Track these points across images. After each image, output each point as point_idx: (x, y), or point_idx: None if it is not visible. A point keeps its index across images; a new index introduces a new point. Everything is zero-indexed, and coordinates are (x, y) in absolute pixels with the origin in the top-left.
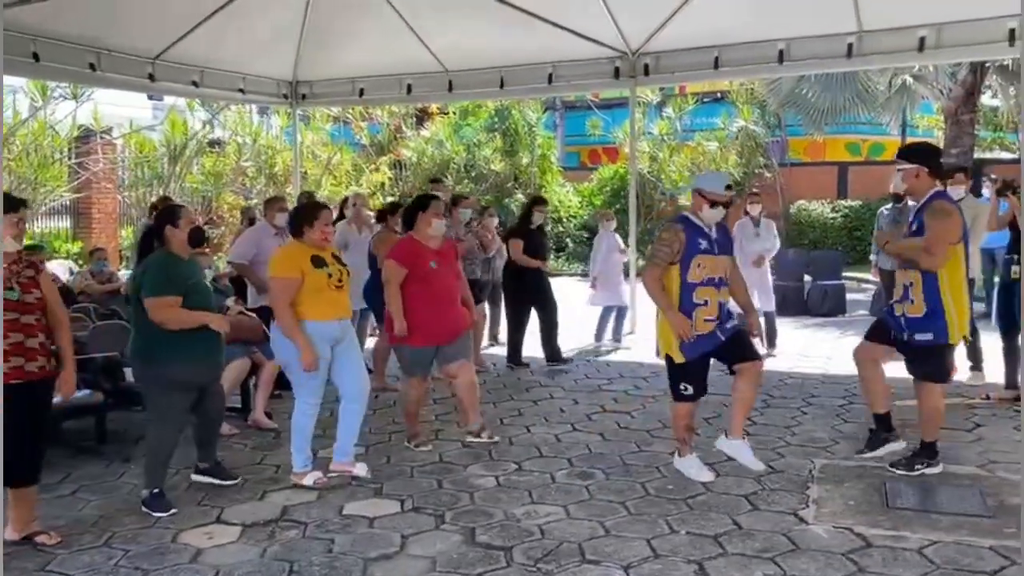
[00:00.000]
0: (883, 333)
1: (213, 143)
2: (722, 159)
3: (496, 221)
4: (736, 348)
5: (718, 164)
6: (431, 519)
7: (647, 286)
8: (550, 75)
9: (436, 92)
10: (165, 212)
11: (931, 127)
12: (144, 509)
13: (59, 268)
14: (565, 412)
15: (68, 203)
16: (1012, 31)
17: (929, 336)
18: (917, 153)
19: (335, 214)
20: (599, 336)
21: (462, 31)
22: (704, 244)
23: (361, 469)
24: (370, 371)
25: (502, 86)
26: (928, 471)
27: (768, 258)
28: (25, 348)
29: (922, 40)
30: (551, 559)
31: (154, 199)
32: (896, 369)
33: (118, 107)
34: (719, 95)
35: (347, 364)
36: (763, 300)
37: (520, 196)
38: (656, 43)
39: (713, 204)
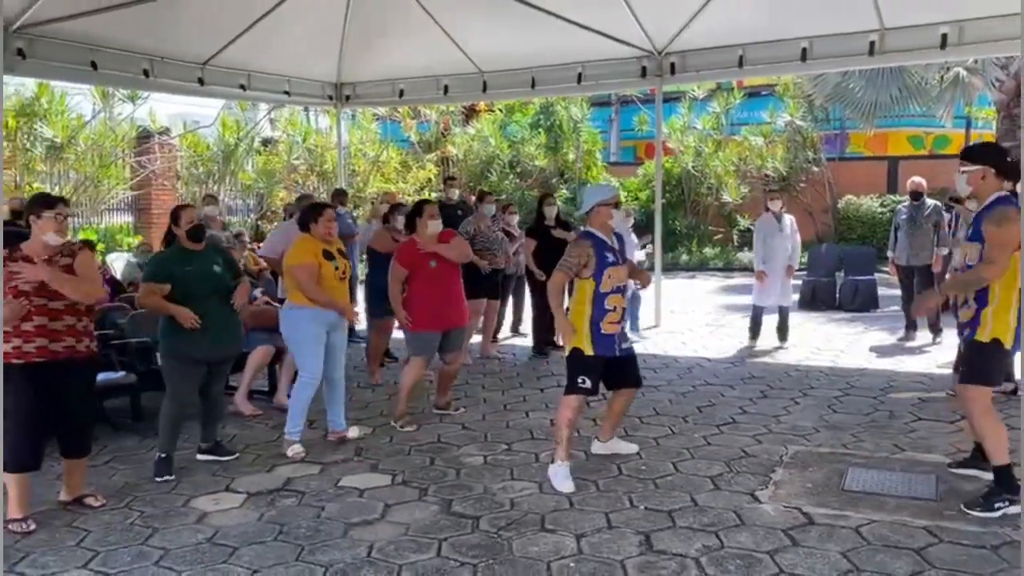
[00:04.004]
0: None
1: (266, 142)
2: (768, 153)
3: (517, 218)
4: (626, 370)
5: (764, 159)
6: (415, 491)
7: (549, 289)
8: (579, 75)
9: (471, 92)
10: (172, 213)
11: (991, 119)
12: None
13: (119, 260)
14: None
15: (129, 199)
16: None
17: (970, 331)
18: (983, 154)
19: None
20: None
21: (495, 34)
22: (611, 257)
23: (353, 432)
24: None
25: (533, 86)
26: (1011, 510)
27: (796, 261)
28: (49, 330)
29: (944, 37)
30: (512, 528)
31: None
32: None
33: (177, 105)
34: (765, 90)
35: (337, 348)
36: (784, 296)
37: (564, 191)
38: (681, 42)
39: (616, 206)
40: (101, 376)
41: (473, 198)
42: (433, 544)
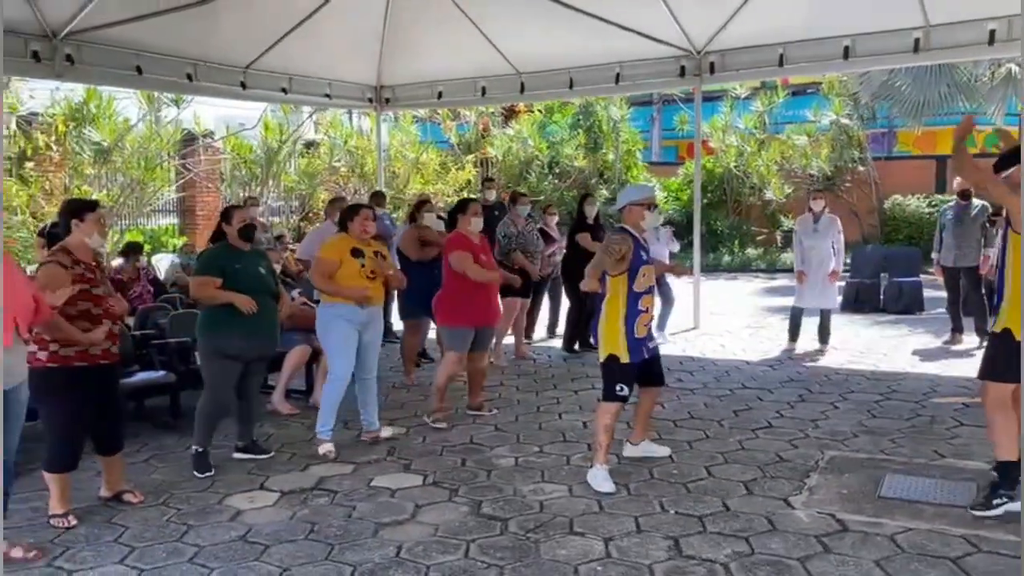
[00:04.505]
0: None
1: (309, 144)
2: (813, 152)
3: (556, 219)
4: (651, 370)
5: (808, 158)
6: (446, 492)
7: (585, 287)
8: (617, 75)
9: (509, 93)
10: (223, 212)
11: None
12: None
13: (164, 260)
14: None
15: (174, 202)
16: None
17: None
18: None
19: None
20: None
21: (532, 35)
22: (644, 256)
23: (387, 432)
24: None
25: (571, 86)
26: (1011, 506)
27: (840, 263)
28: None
29: (992, 33)
30: (541, 530)
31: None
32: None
33: (222, 108)
34: (810, 88)
35: (370, 348)
36: (825, 298)
37: (604, 192)
38: (720, 41)
39: (651, 207)
40: (142, 375)
41: (506, 199)
42: (461, 545)
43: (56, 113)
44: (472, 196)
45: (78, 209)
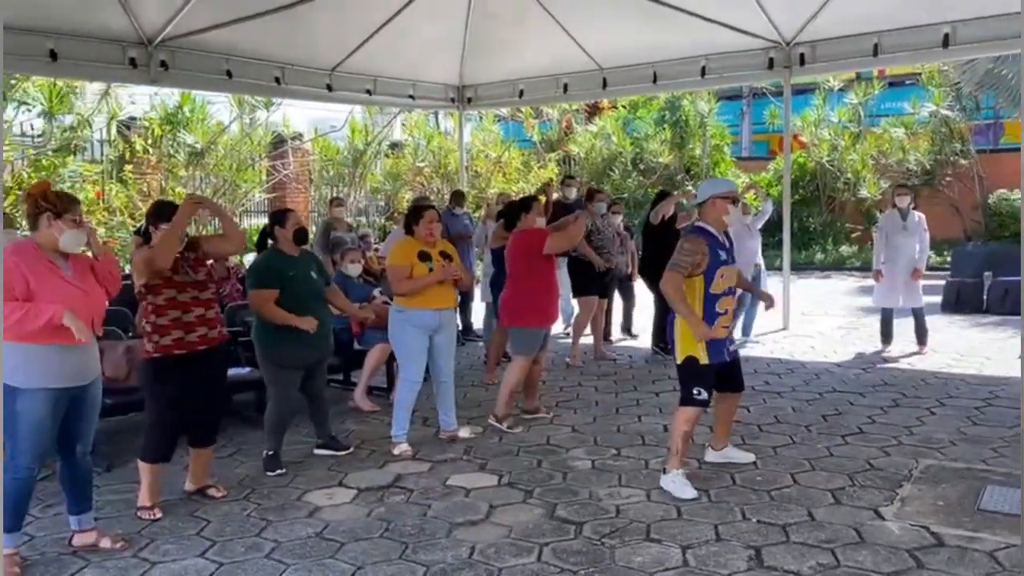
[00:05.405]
0: None
1: (393, 145)
2: (911, 146)
3: (620, 218)
4: (732, 374)
5: (905, 151)
6: (521, 493)
7: (667, 292)
8: (703, 68)
9: (591, 90)
10: (274, 215)
11: None
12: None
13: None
14: None
15: (264, 202)
16: None
17: None
18: None
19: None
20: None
21: (614, 30)
22: (724, 255)
23: (465, 431)
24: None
25: (655, 81)
26: None
27: (923, 263)
28: (183, 322)
29: None
30: (616, 536)
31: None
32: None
33: (312, 110)
34: (908, 79)
35: (444, 350)
36: (911, 298)
37: (690, 188)
38: (811, 32)
39: (734, 202)
40: (230, 372)
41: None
42: (535, 548)
43: (153, 117)
44: (533, 195)
45: (157, 214)
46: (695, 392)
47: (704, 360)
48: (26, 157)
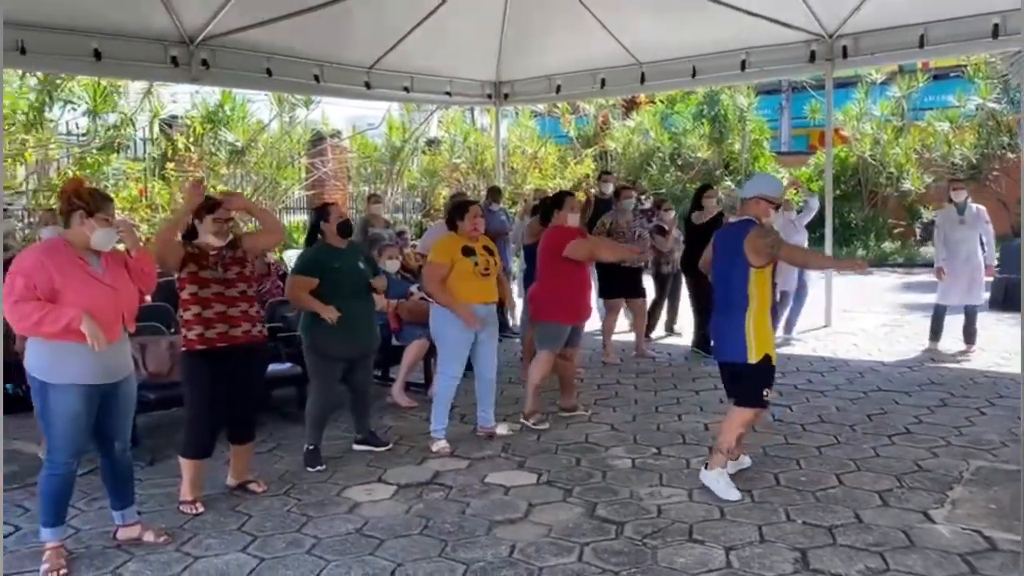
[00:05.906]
0: None
1: (430, 142)
2: (956, 140)
3: (672, 214)
4: None
5: (951, 145)
6: (560, 492)
7: (793, 258)
8: (743, 62)
9: (629, 84)
10: (318, 211)
11: None
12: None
13: (295, 256)
14: (724, 402)
15: (304, 199)
16: None
17: None
18: None
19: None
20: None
21: (653, 23)
22: None
23: (502, 428)
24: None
25: (694, 75)
26: None
27: (992, 257)
28: (228, 316)
29: None
30: (658, 536)
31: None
32: None
33: (350, 108)
34: (953, 71)
35: (486, 346)
36: (972, 295)
37: (729, 183)
38: (853, 23)
39: (776, 207)
40: (270, 367)
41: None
42: (575, 548)
43: (194, 116)
44: (568, 189)
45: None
46: (764, 393)
47: (775, 359)
48: (71, 155)
